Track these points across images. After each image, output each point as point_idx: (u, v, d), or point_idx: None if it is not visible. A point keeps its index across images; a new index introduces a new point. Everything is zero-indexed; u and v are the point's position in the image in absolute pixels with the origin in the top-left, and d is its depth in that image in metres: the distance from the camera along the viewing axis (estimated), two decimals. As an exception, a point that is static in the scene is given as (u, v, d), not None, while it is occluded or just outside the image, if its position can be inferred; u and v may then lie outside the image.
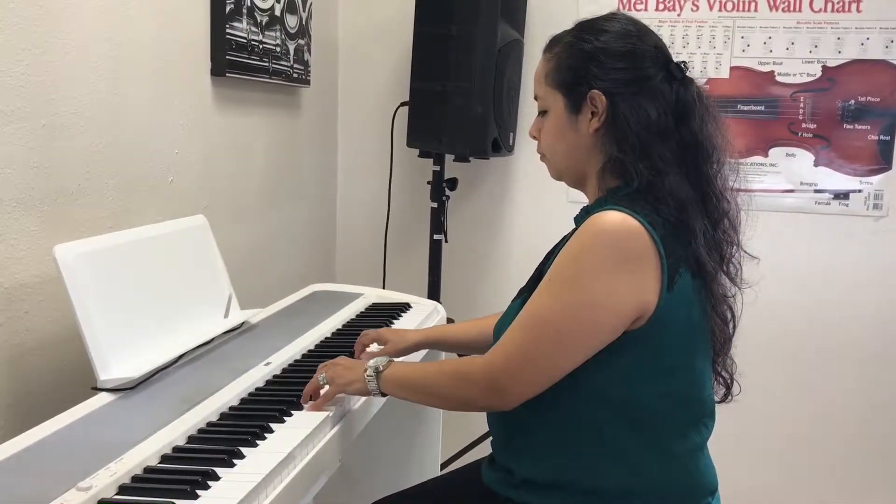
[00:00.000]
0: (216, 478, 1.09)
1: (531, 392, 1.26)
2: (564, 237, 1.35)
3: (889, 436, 2.78)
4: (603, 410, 1.27)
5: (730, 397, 1.40)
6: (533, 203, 2.92)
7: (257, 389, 1.46)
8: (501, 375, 1.25)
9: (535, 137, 1.44)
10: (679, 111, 1.31)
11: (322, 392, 1.39)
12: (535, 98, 1.42)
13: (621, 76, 1.30)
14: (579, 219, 1.34)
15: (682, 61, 1.35)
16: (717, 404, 1.39)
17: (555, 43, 1.39)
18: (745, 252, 1.36)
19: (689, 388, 1.31)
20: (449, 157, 2.69)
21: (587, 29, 1.35)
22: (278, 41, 2.36)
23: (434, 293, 2.69)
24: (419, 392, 1.40)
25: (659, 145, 1.28)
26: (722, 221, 1.32)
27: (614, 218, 1.21)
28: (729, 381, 1.39)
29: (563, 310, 1.22)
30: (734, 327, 1.36)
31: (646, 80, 1.30)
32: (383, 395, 1.41)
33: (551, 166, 1.43)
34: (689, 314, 1.26)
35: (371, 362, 1.40)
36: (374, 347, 1.69)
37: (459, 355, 2.30)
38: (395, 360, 1.43)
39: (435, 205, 2.69)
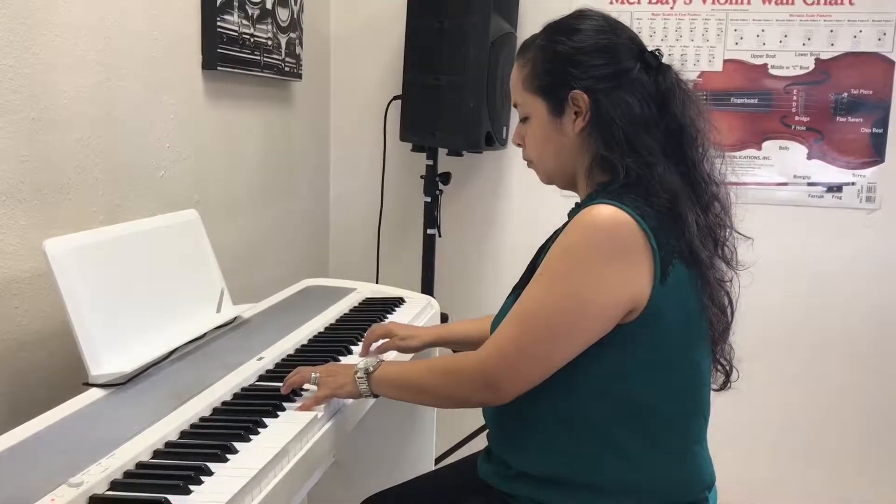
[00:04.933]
0: (209, 473, 1.09)
1: (525, 386, 1.25)
2: (556, 231, 1.35)
3: (883, 427, 2.79)
4: (599, 404, 1.26)
5: (729, 385, 1.40)
6: (526, 197, 2.91)
7: (250, 384, 1.45)
8: (495, 370, 1.25)
9: (519, 145, 1.43)
10: (660, 99, 1.30)
11: (312, 391, 1.38)
12: (515, 106, 1.40)
13: (600, 72, 1.29)
14: (572, 213, 1.33)
15: (657, 48, 1.34)
16: (716, 392, 1.38)
17: (526, 48, 1.38)
18: (738, 233, 1.36)
19: (685, 383, 1.30)
20: (442, 152, 2.68)
21: (558, 30, 1.34)
22: (270, 34, 2.35)
23: (427, 288, 2.69)
24: (412, 391, 1.39)
25: (645, 137, 1.27)
26: (713, 205, 1.32)
27: (604, 211, 1.20)
28: (728, 368, 1.38)
29: (555, 303, 1.22)
30: (732, 313, 1.35)
31: (624, 74, 1.29)
32: (375, 396, 1.40)
33: (540, 171, 1.42)
34: (685, 307, 1.26)
35: (361, 363, 1.39)
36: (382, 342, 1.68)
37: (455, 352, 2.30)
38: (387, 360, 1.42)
39: (428, 199, 2.68)
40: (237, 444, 1.17)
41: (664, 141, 1.29)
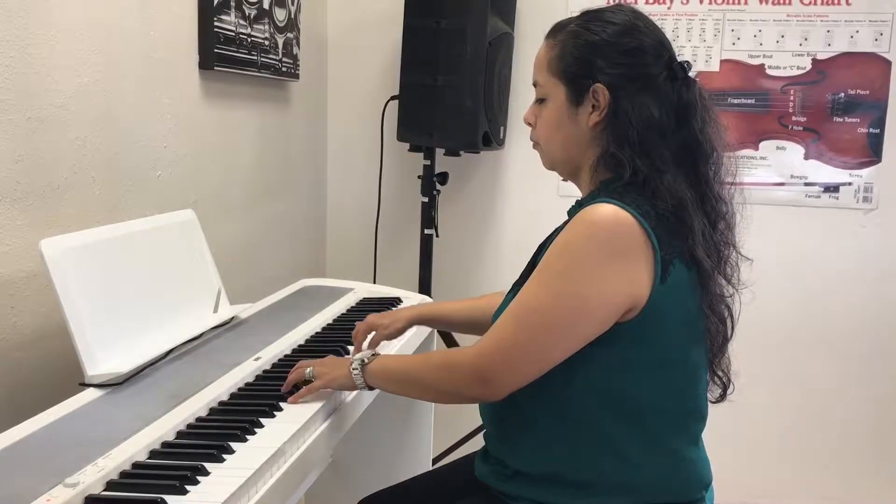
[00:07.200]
0: (206, 473, 1.09)
1: (520, 382, 1.25)
2: (557, 229, 1.34)
3: (878, 426, 2.79)
4: (597, 403, 1.26)
5: (725, 397, 1.39)
6: (524, 197, 2.91)
7: (247, 384, 1.45)
8: (490, 365, 1.24)
9: (530, 124, 1.41)
10: (681, 111, 1.29)
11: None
12: (535, 84, 1.39)
13: (626, 72, 1.29)
14: (573, 211, 1.33)
15: (686, 61, 1.33)
16: (713, 403, 1.38)
17: (559, 29, 1.36)
18: (740, 254, 1.35)
19: (683, 382, 1.30)
20: (439, 152, 2.68)
21: (594, 19, 1.33)
22: (267, 34, 2.34)
23: (425, 288, 2.69)
24: (406, 384, 1.39)
25: (659, 144, 1.26)
26: (719, 223, 1.32)
27: (605, 210, 1.20)
28: (726, 380, 1.37)
29: (553, 300, 1.21)
30: (733, 327, 1.34)
31: (649, 78, 1.29)
32: (370, 388, 1.40)
33: (545, 156, 1.41)
34: (684, 307, 1.25)
35: (356, 356, 1.39)
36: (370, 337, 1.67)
37: (446, 342, 2.30)
38: (383, 353, 1.42)
39: (426, 199, 2.68)
40: (234, 444, 1.17)
41: (678, 152, 1.28)
